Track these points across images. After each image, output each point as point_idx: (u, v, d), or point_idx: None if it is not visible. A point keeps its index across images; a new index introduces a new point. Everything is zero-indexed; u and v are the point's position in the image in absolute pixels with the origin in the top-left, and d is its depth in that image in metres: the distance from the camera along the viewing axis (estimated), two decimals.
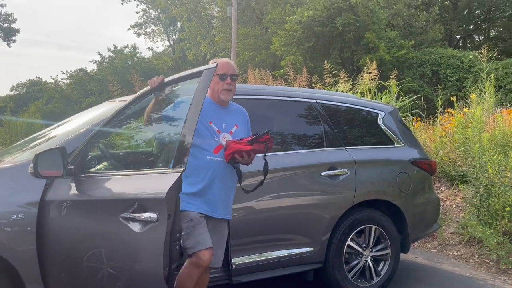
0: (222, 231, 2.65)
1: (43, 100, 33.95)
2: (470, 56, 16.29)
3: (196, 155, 2.51)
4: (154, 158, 3.81)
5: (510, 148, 4.73)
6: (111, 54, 32.57)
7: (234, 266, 2.94)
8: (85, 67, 34.12)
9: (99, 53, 32.21)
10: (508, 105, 10.21)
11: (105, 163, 3.28)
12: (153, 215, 2.19)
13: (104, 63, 32.17)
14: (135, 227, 2.22)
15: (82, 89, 31.51)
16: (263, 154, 2.52)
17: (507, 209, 4.20)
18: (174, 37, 36.73)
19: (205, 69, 2.38)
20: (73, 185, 2.37)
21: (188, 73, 2.51)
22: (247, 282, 3.02)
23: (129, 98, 3.24)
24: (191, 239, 2.45)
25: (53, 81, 35.44)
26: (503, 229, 4.35)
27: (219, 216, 2.58)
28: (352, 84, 8.14)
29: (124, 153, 3.91)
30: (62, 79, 35.11)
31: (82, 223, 2.33)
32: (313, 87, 8.84)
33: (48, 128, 3.41)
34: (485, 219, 4.43)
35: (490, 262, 4.32)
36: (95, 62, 32.50)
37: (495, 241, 4.24)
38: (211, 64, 2.44)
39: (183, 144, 2.32)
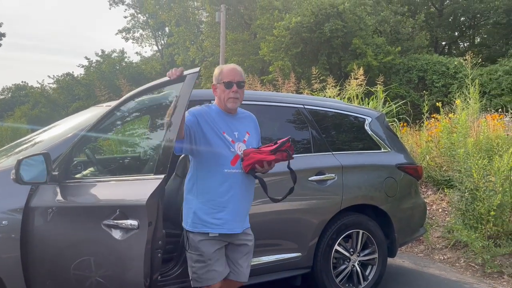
0: (242, 245, 2.52)
1: (29, 104, 33.61)
2: (456, 63, 16.55)
3: (211, 169, 2.40)
4: (141, 164, 3.79)
5: (494, 153, 4.80)
6: (98, 58, 32.42)
7: None
8: (72, 72, 33.93)
9: (86, 58, 32.02)
10: (493, 110, 10.38)
11: (91, 169, 3.25)
12: (134, 222, 2.16)
13: (92, 67, 31.99)
14: (117, 234, 2.19)
15: (69, 94, 31.27)
16: (287, 163, 2.45)
17: (492, 213, 4.26)
18: (162, 42, 36.69)
19: (188, 74, 2.34)
20: (58, 191, 2.34)
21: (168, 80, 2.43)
22: None
23: (113, 103, 3.22)
24: (203, 272, 2.41)
25: (39, 85, 35.13)
26: (488, 233, 4.41)
27: (238, 231, 2.46)
28: (339, 90, 8.21)
29: (111, 158, 3.88)
30: (48, 83, 34.86)
31: (67, 230, 2.30)
32: (301, 93, 8.89)
33: (34, 133, 3.37)
34: (470, 223, 4.48)
35: (476, 266, 4.37)
36: (82, 67, 32.33)
37: (481, 245, 4.29)
38: (195, 69, 2.38)
39: (166, 149, 2.29)
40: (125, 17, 37.72)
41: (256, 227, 3.05)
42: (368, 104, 7.79)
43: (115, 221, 2.19)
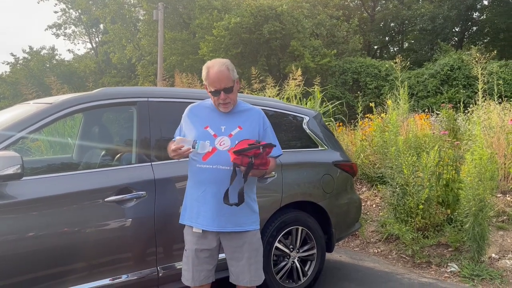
0: (239, 245, 2.42)
1: None
2: (387, 65, 17.46)
3: (190, 163, 2.44)
4: (74, 165, 3.60)
5: (422, 150, 5.09)
6: (26, 55, 30.45)
7: (161, 274, 2.84)
8: None
9: (12, 54, 29.95)
10: (420, 111, 11.07)
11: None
12: None
13: (18, 65, 29.97)
14: None
15: None
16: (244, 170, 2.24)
17: (420, 206, 4.52)
18: (97, 39, 35.21)
19: None
20: None
21: None
22: None
23: (44, 100, 3.03)
24: (184, 268, 2.48)
25: None
26: (417, 225, 4.68)
27: (221, 230, 2.37)
28: (279, 90, 8.35)
29: (39, 160, 3.64)
30: None
31: None
32: (241, 92, 8.90)
33: None
34: (401, 217, 4.72)
35: (406, 257, 4.62)
36: (7, 64, 30.18)
37: (410, 237, 4.54)
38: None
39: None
40: (56, 12, 35.79)
41: None
42: (306, 104, 7.98)
43: None
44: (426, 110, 10.33)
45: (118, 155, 3.07)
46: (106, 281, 2.63)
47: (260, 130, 2.47)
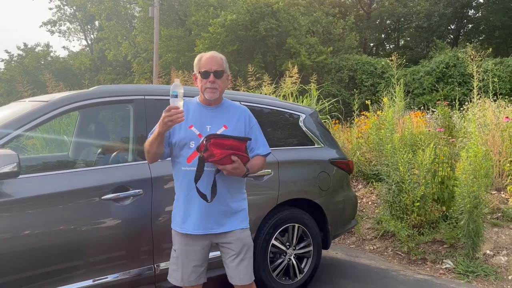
0: (227, 244, 2.39)
1: None
2: (383, 63, 17.48)
3: (174, 167, 2.39)
4: (70, 163, 3.60)
5: (418, 148, 5.12)
6: (20, 52, 30.26)
7: (158, 272, 2.85)
8: None
9: (6, 51, 29.76)
10: (415, 108, 11.11)
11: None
12: None
13: (13, 62, 29.79)
14: None
15: None
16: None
17: (416, 204, 4.54)
18: (92, 36, 35.02)
19: None
20: None
21: None
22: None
23: (40, 98, 3.02)
24: (173, 268, 2.43)
25: None
26: (413, 222, 4.70)
27: (208, 232, 2.34)
28: (275, 87, 8.36)
29: (36, 158, 3.63)
30: None
31: None
32: (237, 90, 8.91)
33: None
34: (397, 214, 4.74)
35: (402, 254, 4.65)
36: (2, 61, 30.00)
37: (406, 234, 4.56)
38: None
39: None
40: (50, 8, 35.52)
41: None
42: (302, 101, 7.99)
43: None
44: (422, 107, 10.37)
45: (115, 153, 3.07)
46: (103, 279, 2.63)
47: (246, 128, 2.42)
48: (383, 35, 29.85)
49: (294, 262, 3.51)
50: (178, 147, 2.32)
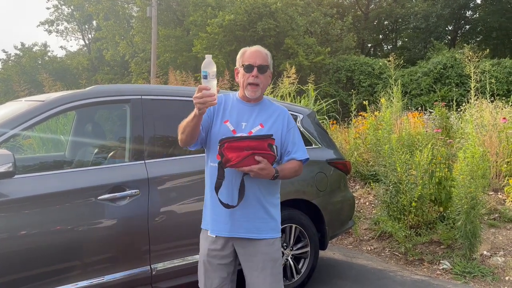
0: (252, 254, 2.19)
1: None
2: (380, 64, 17.51)
3: (206, 160, 2.25)
4: (66, 163, 3.58)
5: (415, 148, 5.12)
6: (18, 52, 30.19)
7: (155, 272, 2.83)
8: None
9: (4, 51, 29.70)
10: (413, 109, 11.13)
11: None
12: None
13: (10, 61, 29.72)
14: None
15: None
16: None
17: (413, 204, 4.54)
18: (89, 36, 34.98)
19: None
20: None
21: None
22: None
23: (36, 98, 3.01)
24: (199, 276, 2.28)
25: None
26: (410, 223, 4.71)
27: (233, 235, 2.16)
28: (272, 88, 8.35)
29: (32, 158, 3.61)
30: None
31: None
32: (235, 90, 8.89)
33: None
34: (394, 215, 4.74)
35: (399, 255, 4.64)
36: None
37: (403, 234, 4.56)
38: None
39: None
40: (48, 8, 35.45)
41: (191, 225, 2.99)
42: (300, 102, 8.00)
43: None
44: (419, 108, 10.39)
45: (111, 153, 3.06)
46: (100, 279, 2.62)
47: (284, 130, 2.23)
48: (381, 36, 29.90)
49: (291, 263, 3.50)
50: (212, 141, 2.18)
